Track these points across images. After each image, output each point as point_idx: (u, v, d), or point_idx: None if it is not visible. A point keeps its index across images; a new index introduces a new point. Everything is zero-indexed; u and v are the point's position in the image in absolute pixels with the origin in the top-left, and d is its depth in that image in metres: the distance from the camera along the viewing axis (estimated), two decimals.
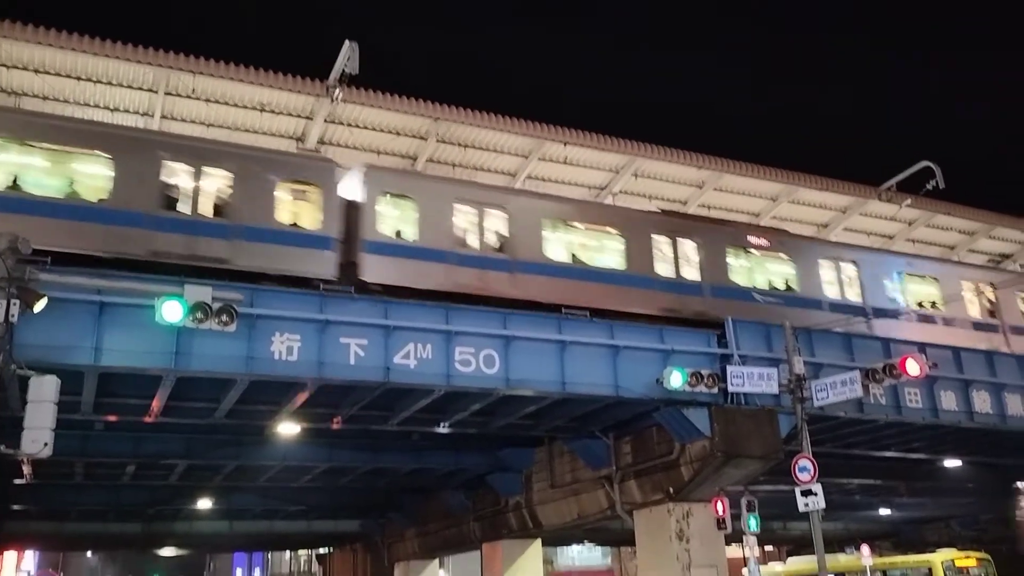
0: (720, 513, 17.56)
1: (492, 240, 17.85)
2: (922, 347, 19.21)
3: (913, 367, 15.83)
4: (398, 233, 16.98)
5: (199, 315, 12.68)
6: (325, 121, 20.44)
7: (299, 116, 20.48)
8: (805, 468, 16.25)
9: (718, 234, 20.49)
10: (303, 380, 14.87)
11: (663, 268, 19.31)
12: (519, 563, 25.89)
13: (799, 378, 16.72)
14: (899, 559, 29.74)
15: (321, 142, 21.05)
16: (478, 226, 17.72)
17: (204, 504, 28.19)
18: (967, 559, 26.77)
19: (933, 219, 28.48)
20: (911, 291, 22.51)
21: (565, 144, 22.70)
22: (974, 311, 23.24)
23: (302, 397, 15.80)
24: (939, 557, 26.87)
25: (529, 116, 22.24)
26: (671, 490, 18.30)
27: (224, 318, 12.91)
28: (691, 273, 19.68)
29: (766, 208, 26.56)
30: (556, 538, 32.76)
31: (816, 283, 21.12)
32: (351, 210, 16.66)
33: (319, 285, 15.31)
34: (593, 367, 16.72)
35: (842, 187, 26.45)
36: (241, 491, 27.40)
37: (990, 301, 23.63)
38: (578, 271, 18.31)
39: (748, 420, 17.32)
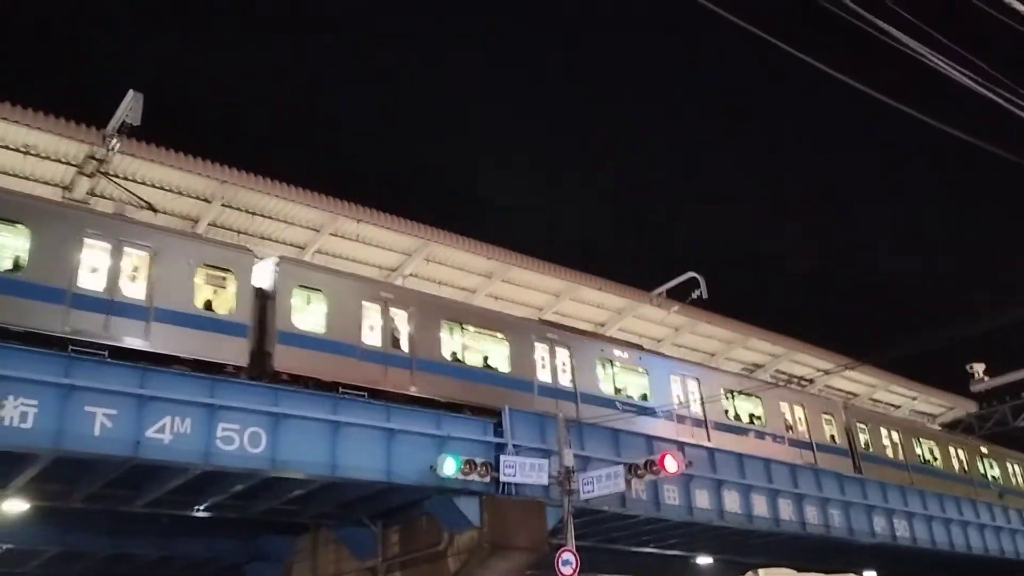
0: None
1: None
2: (681, 446, 20.29)
3: (671, 464, 16.66)
4: None
5: None
6: (99, 172, 19.00)
7: (69, 164, 19.00)
8: (568, 561, 16.44)
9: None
10: (35, 451, 13.27)
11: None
12: None
13: (568, 470, 17.08)
14: None
15: (91, 194, 19.54)
16: None
17: None
18: None
19: (696, 327, 30.75)
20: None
21: (358, 221, 22.53)
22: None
23: (33, 470, 14.07)
24: None
25: (325, 189, 21.98)
26: None
27: None
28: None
29: (549, 303, 27.56)
30: None
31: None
32: None
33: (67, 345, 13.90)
34: (366, 450, 16.19)
35: (618, 289, 28.05)
36: None
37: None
38: None
39: (517, 511, 17.37)
